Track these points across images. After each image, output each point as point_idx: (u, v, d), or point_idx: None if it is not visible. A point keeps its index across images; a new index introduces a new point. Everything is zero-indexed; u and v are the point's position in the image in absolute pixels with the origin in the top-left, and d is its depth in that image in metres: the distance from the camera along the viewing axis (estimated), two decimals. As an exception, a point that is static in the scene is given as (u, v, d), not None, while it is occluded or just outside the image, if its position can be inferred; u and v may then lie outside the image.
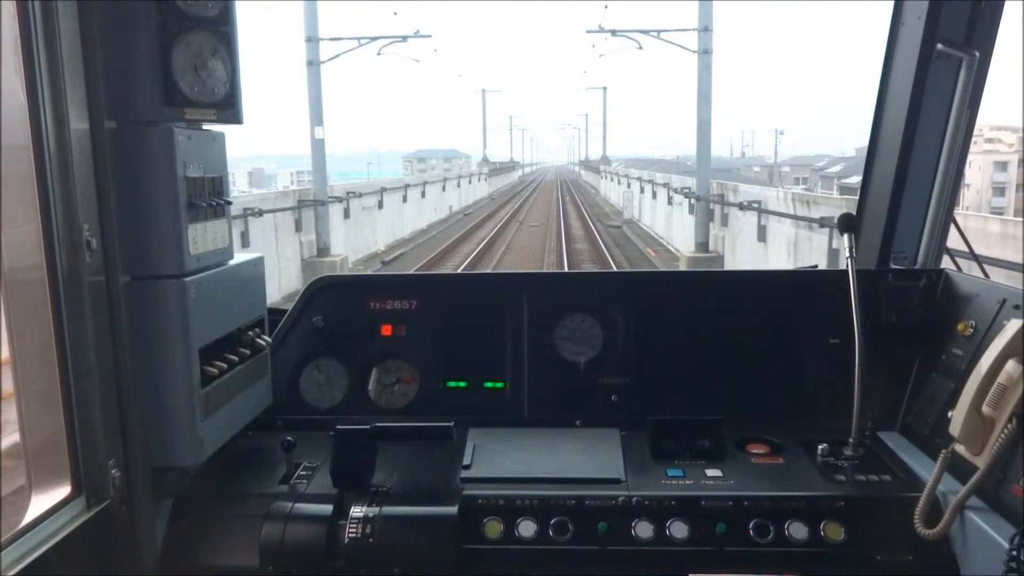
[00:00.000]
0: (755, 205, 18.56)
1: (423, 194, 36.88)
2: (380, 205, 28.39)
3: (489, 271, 16.89)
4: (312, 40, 20.81)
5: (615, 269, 20.38)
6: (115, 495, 1.82)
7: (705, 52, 19.55)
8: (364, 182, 28.80)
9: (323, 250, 21.15)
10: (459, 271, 19.42)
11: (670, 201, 28.11)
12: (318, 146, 21.46)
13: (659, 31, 21.64)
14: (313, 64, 20.91)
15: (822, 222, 14.58)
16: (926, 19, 2.43)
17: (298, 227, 20.66)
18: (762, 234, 18.17)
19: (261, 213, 18.07)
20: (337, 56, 21.83)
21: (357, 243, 24.98)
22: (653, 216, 34.01)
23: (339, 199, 23.49)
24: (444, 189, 43.98)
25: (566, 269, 21.93)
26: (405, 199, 32.71)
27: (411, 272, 13.94)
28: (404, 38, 23.65)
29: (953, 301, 2.37)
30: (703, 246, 20.38)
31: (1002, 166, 64.55)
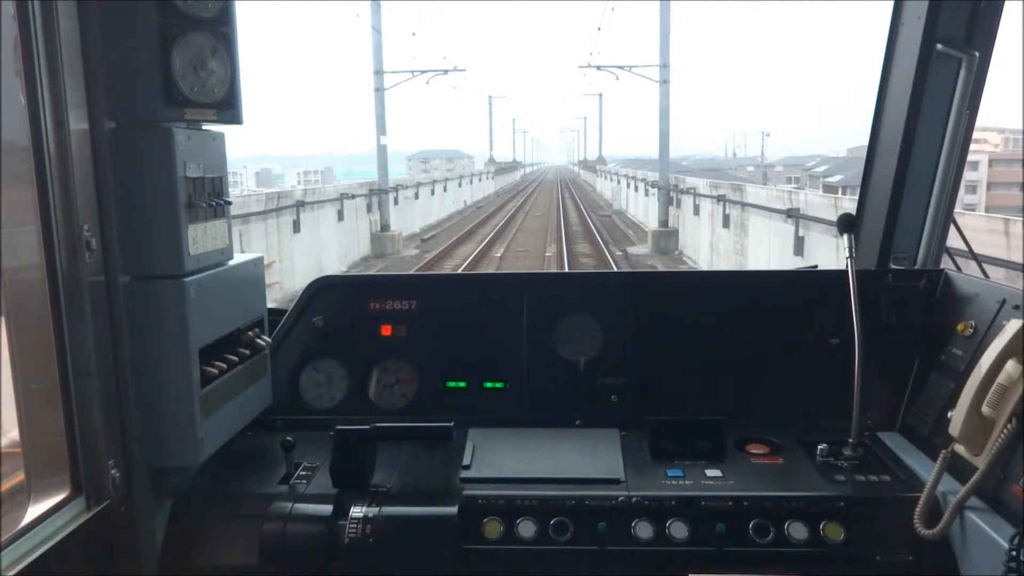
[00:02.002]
0: (691, 190, 27.21)
1: (445, 188, 46.96)
2: (416, 196, 37.18)
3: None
4: (379, 73, 28.59)
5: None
6: (115, 495, 1.82)
7: (664, 82, 27.22)
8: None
9: (385, 227, 29.06)
10: (459, 271, 19.49)
11: (647, 193, 35.84)
12: (382, 151, 29.39)
13: (631, 66, 30.00)
14: (379, 91, 28.71)
15: (718, 198, 23.13)
16: (926, 19, 2.43)
17: (369, 209, 28.59)
18: (696, 211, 26.43)
19: (354, 197, 26.68)
20: (396, 85, 30.22)
21: (401, 225, 32.06)
22: (636, 206, 42.45)
23: (394, 189, 31.24)
24: (460, 185, 54.74)
25: (564, 245, 27.64)
26: (433, 192, 42.34)
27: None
28: (446, 71, 32.94)
29: (953, 301, 2.37)
30: (664, 223, 28.63)
31: (973, 165, 66.14)
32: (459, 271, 19.43)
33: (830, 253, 14.93)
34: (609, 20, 35.73)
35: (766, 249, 19.60)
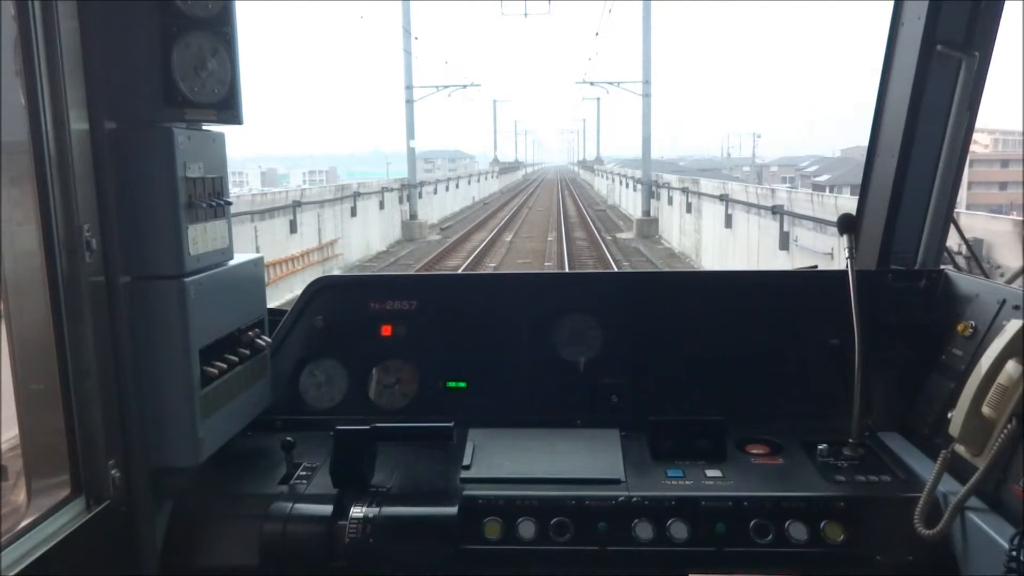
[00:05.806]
0: (665, 184, 34.42)
1: (457, 186, 55.68)
2: (435, 191, 44.95)
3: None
4: (409, 87, 35.07)
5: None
6: (115, 496, 1.82)
7: (646, 96, 34.52)
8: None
9: (413, 215, 35.59)
10: (460, 271, 19.51)
11: (635, 189, 41.66)
12: (411, 152, 36.62)
13: (620, 82, 37.70)
14: (409, 103, 35.18)
15: (683, 189, 29.57)
16: (926, 19, 2.43)
17: (401, 201, 35.29)
18: (670, 201, 32.96)
19: (393, 190, 33.84)
20: (423, 98, 37.59)
21: (424, 216, 37.74)
22: (626, 200, 49.30)
23: (420, 185, 37.91)
24: (469, 183, 64.73)
25: (563, 232, 32.72)
26: (447, 189, 50.38)
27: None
28: (464, 87, 40.50)
29: (953, 301, 2.37)
30: (646, 212, 35.29)
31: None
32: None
33: (744, 225, 21.34)
34: (602, 38, 41.65)
35: (711, 227, 25.43)
